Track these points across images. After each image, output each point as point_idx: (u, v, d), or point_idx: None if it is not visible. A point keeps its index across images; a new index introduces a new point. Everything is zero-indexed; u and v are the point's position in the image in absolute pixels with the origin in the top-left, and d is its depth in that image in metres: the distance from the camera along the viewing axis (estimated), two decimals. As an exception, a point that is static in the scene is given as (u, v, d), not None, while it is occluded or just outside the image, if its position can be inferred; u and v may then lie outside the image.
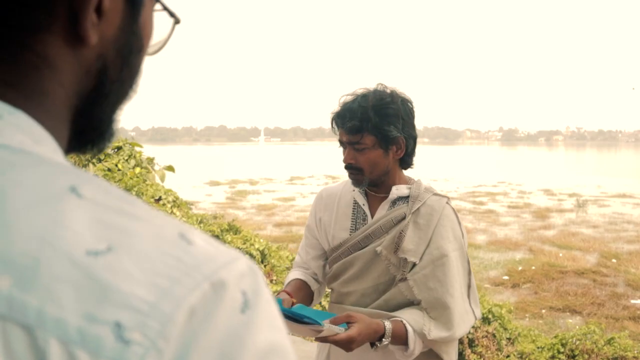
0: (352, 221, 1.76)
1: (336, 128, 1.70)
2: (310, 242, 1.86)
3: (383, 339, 1.54)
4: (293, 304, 1.60)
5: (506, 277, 9.27)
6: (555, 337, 4.85)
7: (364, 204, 1.75)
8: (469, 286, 1.73)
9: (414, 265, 1.66)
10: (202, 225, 6.12)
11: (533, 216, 16.68)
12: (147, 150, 6.28)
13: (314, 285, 1.84)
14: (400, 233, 1.66)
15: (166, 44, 0.55)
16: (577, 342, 4.58)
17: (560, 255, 11.10)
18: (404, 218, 1.69)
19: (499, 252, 11.36)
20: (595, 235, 13.66)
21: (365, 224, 1.73)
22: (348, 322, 1.51)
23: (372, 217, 1.74)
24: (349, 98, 1.68)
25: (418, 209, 1.69)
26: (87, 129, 0.48)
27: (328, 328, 1.44)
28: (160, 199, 5.74)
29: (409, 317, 1.60)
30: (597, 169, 42.78)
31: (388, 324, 1.55)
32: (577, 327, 5.43)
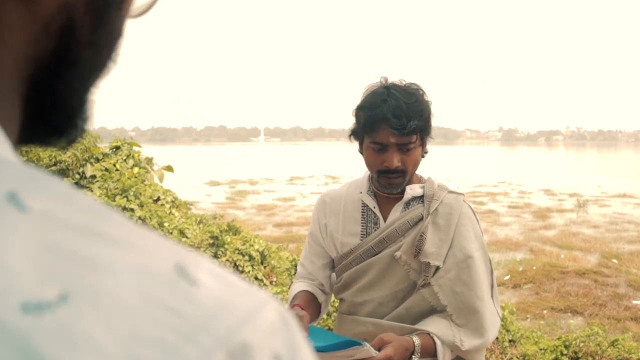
0: (363, 226, 1.62)
1: (373, 131, 1.51)
2: (315, 250, 1.72)
3: (413, 356, 1.46)
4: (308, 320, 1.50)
5: (507, 278, 9.23)
6: (558, 338, 4.80)
7: (374, 207, 1.62)
8: (491, 286, 1.63)
9: (437, 269, 1.55)
10: (201, 225, 6.07)
11: (533, 216, 16.62)
12: (146, 150, 6.25)
13: (320, 297, 1.72)
14: (421, 236, 1.54)
15: (155, 3, 0.40)
16: (581, 344, 4.53)
17: (562, 256, 11.06)
18: (421, 219, 1.57)
19: (499, 253, 11.31)
20: (596, 235, 13.61)
21: (378, 228, 1.60)
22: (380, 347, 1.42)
23: (385, 220, 1.62)
24: (376, 98, 1.51)
25: (436, 208, 1.57)
26: (47, 110, 0.33)
27: (367, 349, 1.33)
28: (158, 199, 5.70)
29: (436, 329, 1.51)
30: (597, 169, 42.73)
31: (417, 340, 1.48)
32: (580, 328, 5.38)
